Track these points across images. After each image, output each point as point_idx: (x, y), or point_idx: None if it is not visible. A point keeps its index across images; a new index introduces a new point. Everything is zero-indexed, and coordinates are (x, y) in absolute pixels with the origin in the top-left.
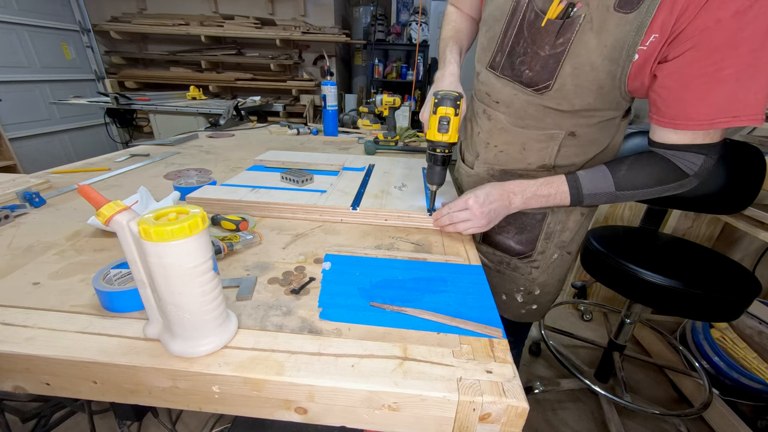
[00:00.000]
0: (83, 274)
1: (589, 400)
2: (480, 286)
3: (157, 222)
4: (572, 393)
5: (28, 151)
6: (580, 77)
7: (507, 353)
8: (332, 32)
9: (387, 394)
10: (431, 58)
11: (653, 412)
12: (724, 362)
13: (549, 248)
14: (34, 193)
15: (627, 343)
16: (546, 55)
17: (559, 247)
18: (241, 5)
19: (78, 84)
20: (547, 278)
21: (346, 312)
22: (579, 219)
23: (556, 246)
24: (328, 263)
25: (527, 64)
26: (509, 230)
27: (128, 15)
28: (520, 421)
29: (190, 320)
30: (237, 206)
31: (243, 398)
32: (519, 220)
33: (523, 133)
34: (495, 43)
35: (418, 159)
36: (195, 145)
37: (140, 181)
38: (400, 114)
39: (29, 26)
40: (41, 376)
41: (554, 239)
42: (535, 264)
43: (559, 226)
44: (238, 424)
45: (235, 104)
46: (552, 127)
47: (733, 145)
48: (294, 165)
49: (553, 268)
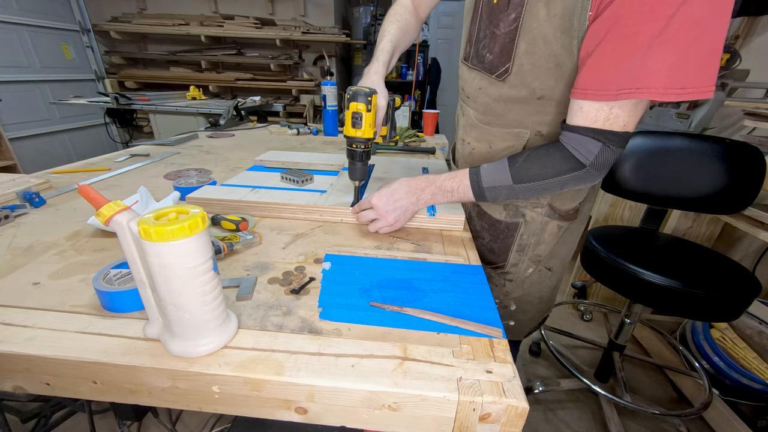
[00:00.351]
0: (83, 274)
1: (589, 400)
2: (480, 286)
3: (157, 222)
4: (572, 393)
5: (28, 151)
6: (535, 54)
7: (507, 353)
8: (332, 32)
9: (387, 394)
10: (431, 58)
11: (653, 412)
12: (724, 362)
13: (523, 261)
14: (34, 193)
15: (627, 343)
16: (502, 33)
17: (534, 261)
18: (241, 5)
19: (78, 84)
20: (524, 294)
21: (346, 312)
22: (555, 232)
23: (531, 260)
24: (328, 263)
25: (488, 47)
26: (483, 236)
27: (128, 15)
28: (520, 421)
29: (190, 320)
30: (237, 206)
31: (243, 398)
32: (493, 227)
33: (488, 130)
34: (466, 35)
35: (419, 159)
36: (195, 145)
37: (140, 181)
38: (400, 114)
39: (29, 26)
40: (41, 376)
41: (528, 252)
42: (509, 276)
43: (534, 239)
44: (238, 424)
45: (235, 104)
46: (515, 125)
47: (733, 146)
48: (294, 165)
49: (530, 284)
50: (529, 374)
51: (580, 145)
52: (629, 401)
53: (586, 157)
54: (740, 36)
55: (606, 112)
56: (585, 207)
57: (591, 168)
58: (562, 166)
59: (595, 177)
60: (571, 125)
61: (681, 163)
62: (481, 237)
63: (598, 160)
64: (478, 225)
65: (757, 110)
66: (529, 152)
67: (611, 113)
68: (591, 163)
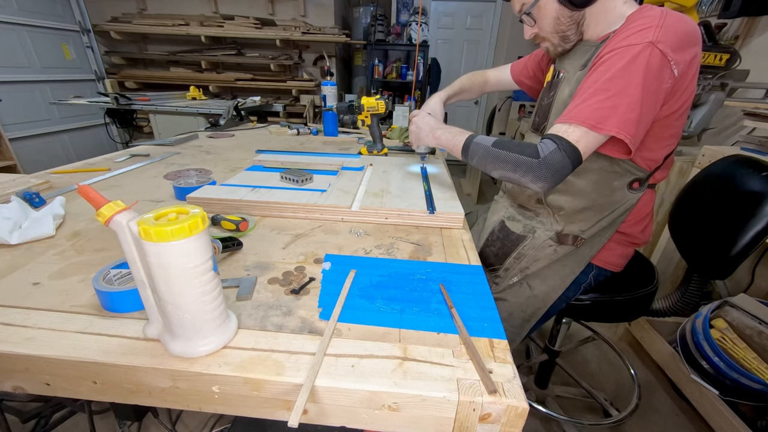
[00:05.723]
0: (83, 274)
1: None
2: (480, 286)
3: (157, 222)
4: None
5: (28, 151)
6: (557, 114)
7: (507, 353)
8: (332, 32)
9: (387, 395)
10: (431, 58)
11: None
12: (724, 362)
13: (513, 268)
14: (34, 193)
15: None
16: (545, 104)
17: (521, 272)
18: (241, 5)
19: (78, 84)
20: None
21: (346, 312)
22: (550, 254)
23: (520, 269)
24: (328, 263)
25: (538, 114)
26: (496, 244)
27: (128, 15)
28: (520, 421)
29: (190, 320)
30: (237, 206)
31: (243, 398)
32: (507, 237)
33: None
34: (535, 111)
35: (418, 159)
36: (195, 145)
37: (140, 181)
38: (400, 114)
39: (29, 26)
40: (41, 376)
41: (522, 262)
42: (496, 280)
43: (532, 251)
44: (238, 424)
45: (235, 104)
46: None
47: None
48: (293, 165)
49: (512, 295)
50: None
51: (543, 143)
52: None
53: (543, 150)
54: (740, 36)
55: (565, 128)
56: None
57: (542, 161)
58: (526, 149)
59: (541, 174)
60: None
61: None
62: (493, 245)
63: (551, 156)
64: (495, 236)
65: (757, 110)
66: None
67: (569, 128)
68: (544, 157)
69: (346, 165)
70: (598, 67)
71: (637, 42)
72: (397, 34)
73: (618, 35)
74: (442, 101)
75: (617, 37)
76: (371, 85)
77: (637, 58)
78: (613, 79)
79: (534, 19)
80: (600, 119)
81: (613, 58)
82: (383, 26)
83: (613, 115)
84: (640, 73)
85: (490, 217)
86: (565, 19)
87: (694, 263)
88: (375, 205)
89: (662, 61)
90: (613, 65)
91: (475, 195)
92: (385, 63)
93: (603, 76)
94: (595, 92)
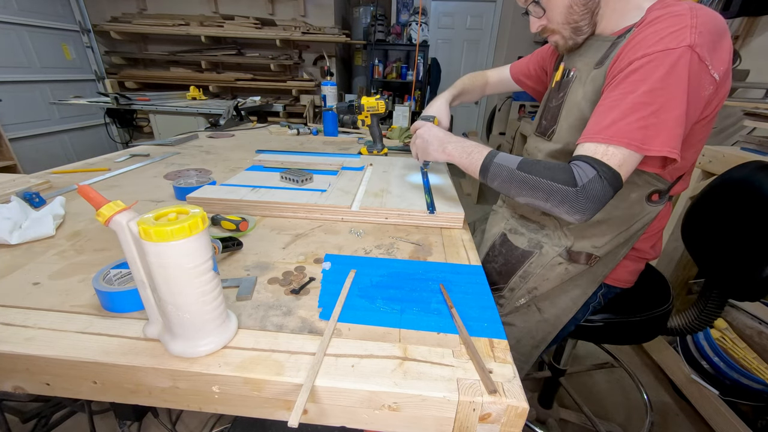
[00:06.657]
0: (83, 274)
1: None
2: (480, 286)
3: (157, 222)
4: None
5: (28, 151)
6: (569, 118)
7: (507, 353)
8: (332, 32)
9: (387, 395)
10: (431, 58)
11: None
12: (724, 362)
13: (520, 288)
14: (34, 193)
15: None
16: (553, 106)
17: (529, 293)
18: (241, 5)
19: (78, 84)
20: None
21: (346, 312)
22: (561, 273)
23: (527, 290)
24: (328, 263)
25: (545, 117)
26: (498, 260)
27: (128, 15)
28: (520, 421)
29: (190, 320)
30: (237, 206)
31: (243, 398)
32: (510, 252)
33: None
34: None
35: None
36: (195, 145)
37: (140, 181)
38: (400, 114)
39: (29, 26)
40: (41, 376)
41: (529, 281)
42: (501, 300)
43: (540, 270)
44: (238, 424)
45: (235, 104)
46: None
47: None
48: (293, 165)
49: (520, 319)
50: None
51: (580, 167)
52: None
53: (581, 177)
54: (740, 36)
55: (603, 149)
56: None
57: (581, 190)
58: (560, 175)
59: (579, 206)
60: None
61: None
62: (495, 261)
63: (590, 184)
64: (497, 251)
65: (757, 110)
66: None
67: (608, 150)
68: (583, 185)
69: (346, 165)
70: (629, 75)
71: (675, 46)
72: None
73: (643, 35)
74: (448, 102)
75: (644, 39)
76: (371, 85)
77: (677, 65)
78: (655, 91)
79: (543, 8)
80: (646, 139)
81: (647, 66)
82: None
83: (660, 133)
84: (683, 83)
85: (489, 229)
86: (578, 8)
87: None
88: (375, 205)
89: (701, 66)
90: (650, 74)
91: (475, 195)
92: (385, 63)
93: (639, 87)
94: (636, 107)
